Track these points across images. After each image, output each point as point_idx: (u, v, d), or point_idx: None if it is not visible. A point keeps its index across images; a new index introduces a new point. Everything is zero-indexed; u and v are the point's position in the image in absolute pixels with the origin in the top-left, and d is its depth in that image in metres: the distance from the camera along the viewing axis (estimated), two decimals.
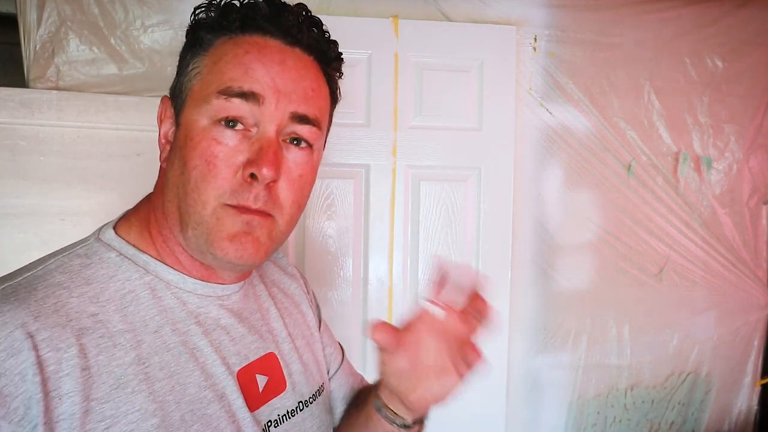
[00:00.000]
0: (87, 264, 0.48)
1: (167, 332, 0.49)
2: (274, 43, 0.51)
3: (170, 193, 0.51)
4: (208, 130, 0.49)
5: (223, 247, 0.48)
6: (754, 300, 1.56)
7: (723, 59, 1.48)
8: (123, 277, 0.49)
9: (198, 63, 0.52)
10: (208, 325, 0.53)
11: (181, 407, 0.47)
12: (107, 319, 0.46)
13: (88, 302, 0.46)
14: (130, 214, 0.55)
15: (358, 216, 1.34)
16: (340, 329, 1.35)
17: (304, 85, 0.52)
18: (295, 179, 0.51)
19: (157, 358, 0.47)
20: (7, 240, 1.18)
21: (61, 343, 0.42)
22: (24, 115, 1.17)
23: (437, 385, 0.56)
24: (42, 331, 0.41)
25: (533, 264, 1.45)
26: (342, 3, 1.32)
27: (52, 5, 1.21)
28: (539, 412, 1.50)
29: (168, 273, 0.52)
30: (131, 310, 0.48)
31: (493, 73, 1.35)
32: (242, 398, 0.53)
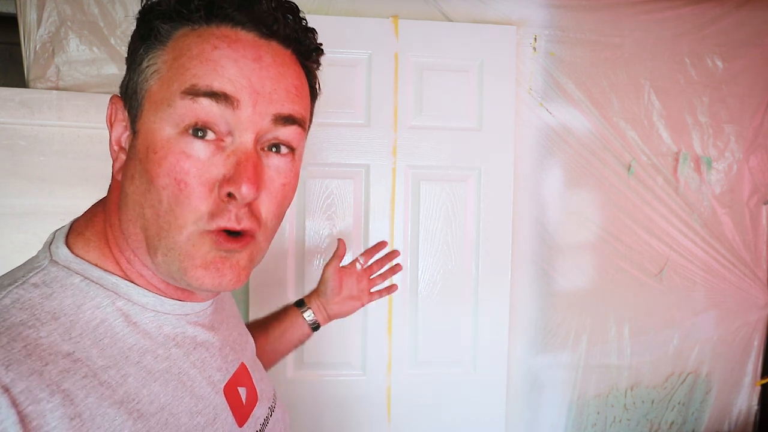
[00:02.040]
0: (48, 294, 0.41)
1: (150, 361, 0.44)
2: (246, 36, 0.44)
3: (131, 212, 0.44)
4: (174, 141, 0.41)
5: (198, 276, 0.43)
6: (754, 300, 1.56)
7: (723, 59, 1.48)
8: (92, 305, 0.42)
9: (155, 59, 0.44)
10: (187, 345, 0.48)
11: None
12: (86, 357, 0.40)
13: (60, 340, 0.39)
14: (82, 227, 0.47)
15: (358, 216, 1.34)
16: (340, 329, 1.35)
17: (285, 84, 0.45)
18: (277, 190, 0.46)
19: (146, 391, 0.42)
20: (7, 240, 1.18)
21: (41, 393, 0.35)
22: (24, 115, 1.17)
23: (348, 305, 0.91)
24: (18, 382, 0.34)
25: (533, 264, 1.45)
26: (342, 3, 1.32)
27: (52, 5, 1.21)
28: (539, 412, 1.50)
29: (143, 296, 0.45)
30: (107, 342, 0.42)
31: (493, 73, 1.35)
32: (232, 415, 0.51)
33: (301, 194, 1.32)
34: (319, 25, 1.45)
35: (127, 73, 0.46)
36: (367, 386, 1.35)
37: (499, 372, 1.39)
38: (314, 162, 1.31)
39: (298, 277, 1.33)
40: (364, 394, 1.35)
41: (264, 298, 1.31)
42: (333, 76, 1.30)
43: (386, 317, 1.35)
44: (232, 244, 0.43)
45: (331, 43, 1.29)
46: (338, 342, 1.35)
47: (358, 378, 1.35)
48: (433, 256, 1.36)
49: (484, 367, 1.38)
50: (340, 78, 1.30)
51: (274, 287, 1.31)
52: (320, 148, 1.31)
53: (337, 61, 1.30)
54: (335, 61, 1.29)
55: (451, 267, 1.37)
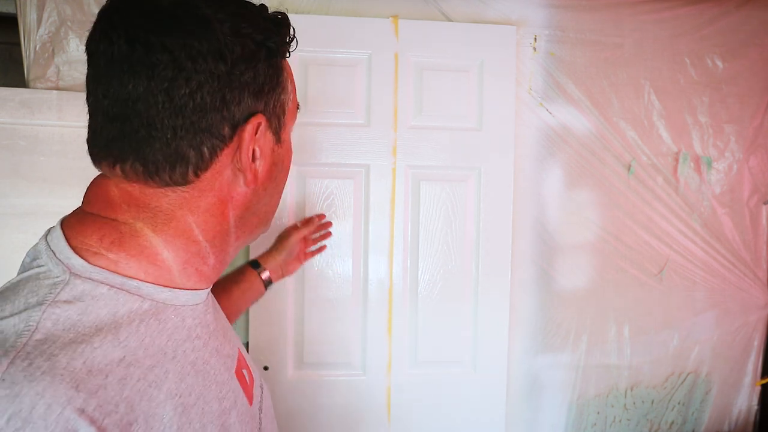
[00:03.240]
0: (83, 309, 0.41)
1: (181, 355, 0.47)
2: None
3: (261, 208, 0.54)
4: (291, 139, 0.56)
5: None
6: (754, 300, 1.56)
7: (723, 59, 1.48)
8: (125, 310, 0.44)
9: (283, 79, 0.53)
10: (204, 335, 0.52)
11: (215, 425, 0.47)
12: (135, 359, 0.42)
13: (111, 348, 0.40)
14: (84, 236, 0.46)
15: (358, 216, 1.34)
16: (340, 329, 1.35)
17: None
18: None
19: (184, 384, 0.45)
20: (7, 240, 1.18)
21: (110, 405, 0.37)
22: (24, 115, 1.17)
23: (295, 265, 1.12)
24: (90, 401, 0.36)
25: (533, 264, 1.45)
26: (342, 3, 1.32)
27: (52, 5, 1.21)
28: (539, 412, 1.50)
29: (160, 292, 0.47)
30: (147, 342, 0.44)
31: (493, 73, 1.35)
32: (244, 396, 0.56)
33: (301, 194, 1.32)
34: (319, 25, 1.46)
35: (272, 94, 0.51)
36: (367, 386, 1.35)
37: (499, 372, 1.39)
38: (314, 162, 1.31)
39: (298, 276, 1.33)
40: (364, 394, 1.35)
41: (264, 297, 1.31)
42: (333, 76, 1.30)
43: (386, 317, 1.35)
44: None
45: (331, 43, 1.29)
46: (338, 342, 1.35)
47: (358, 378, 1.35)
48: (433, 256, 1.36)
49: (484, 367, 1.38)
50: (340, 78, 1.30)
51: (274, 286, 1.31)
52: (320, 148, 1.31)
53: (337, 61, 1.30)
54: (335, 61, 1.29)
55: (451, 267, 1.37)
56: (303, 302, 1.33)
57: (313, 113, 1.30)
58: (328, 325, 1.34)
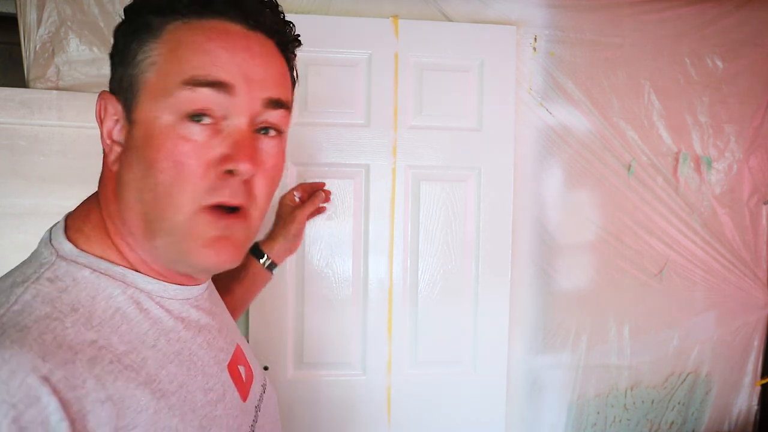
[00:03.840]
0: (63, 288, 0.43)
1: (163, 344, 0.47)
2: (235, 28, 0.47)
3: (130, 199, 0.46)
4: (172, 127, 0.44)
5: (201, 254, 0.46)
6: (754, 300, 1.56)
7: (723, 59, 1.48)
8: (105, 296, 0.45)
9: (149, 52, 0.46)
10: (192, 328, 0.52)
11: (197, 414, 0.47)
12: (108, 344, 0.42)
13: (84, 329, 0.41)
14: (79, 223, 0.49)
15: (358, 216, 1.34)
16: (340, 329, 1.35)
17: (272, 71, 0.49)
18: (269, 170, 0.49)
19: (164, 372, 0.45)
20: (7, 240, 1.18)
21: (76, 380, 0.38)
22: (24, 115, 1.17)
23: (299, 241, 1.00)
24: (56, 371, 0.37)
25: (533, 264, 1.45)
26: (342, 3, 1.32)
27: (52, 5, 1.21)
28: (539, 412, 1.50)
29: (147, 283, 0.48)
30: (125, 329, 0.44)
31: (493, 73, 1.35)
32: (237, 391, 0.55)
33: None
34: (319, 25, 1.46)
35: (118, 68, 0.48)
36: (367, 386, 1.35)
37: (499, 372, 1.39)
38: (314, 162, 1.31)
39: (298, 276, 1.33)
40: (364, 394, 1.35)
41: (263, 297, 1.31)
42: (333, 76, 1.30)
43: (386, 317, 1.35)
44: (230, 219, 0.47)
45: (331, 43, 1.29)
46: (338, 342, 1.35)
47: (358, 378, 1.35)
48: (433, 256, 1.36)
49: (484, 367, 1.38)
50: (340, 78, 1.30)
51: (275, 285, 1.31)
52: (320, 148, 1.31)
53: (337, 61, 1.30)
54: (335, 61, 1.29)
55: (451, 267, 1.37)
56: (303, 302, 1.33)
57: (313, 113, 1.30)
58: (328, 325, 1.34)
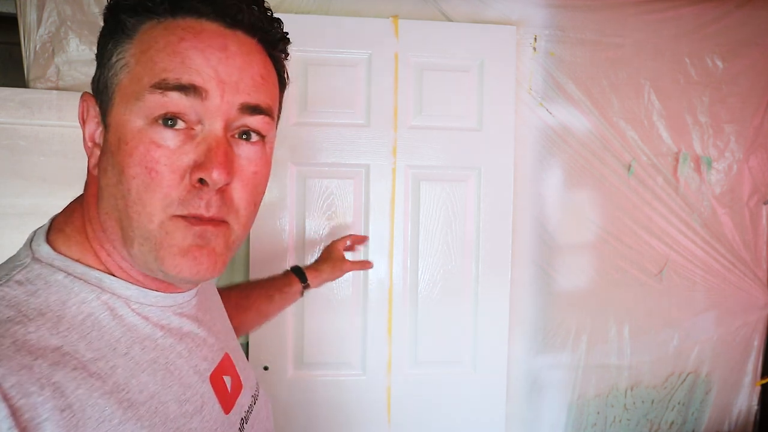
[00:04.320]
0: (32, 291, 0.41)
1: (137, 352, 0.45)
2: (211, 27, 0.44)
3: (107, 205, 0.44)
4: (144, 131, 0.42)
5: (176, 264, 0.43)
6: (754, 300, 1.56)
7: (723, 59, 1.48)
8: (77, 300, 0.43)
9: (123, 53, 0.44)
10: (172, 336, 0.50)
11: (168, 427, 0.45)
12: (74, 350, 0.40)
13: (48, 335, 0.39)
14: (62, 223, 0.48)
15: (358, 216, 1.34)
16: (340, 329, 1.35)
17: (251, 72, 0.46)
18: (249, 178, 0.46)
19: (135, 381, 0.43)
20: (7, 240, 1.18)
21: (32, 386, 0.36)
22: (24, 115, 1.17)
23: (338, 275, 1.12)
24: (8, 377, 0.35)
25: (533, 264, 1.45)
26: (342, 3, 1.32)
27: (52, 5, 1.21)
28: (539, 412, 1.50)
29: (126, 289, 0.46)
30: (95, 335, 0.42)
31: (493, 73, 1.35)
32: (218, 403, 0.53)
33: (302, 194, 1.32)
34: (319, 25, 1.46)
35: (97, 70, 0.47)
36: (367, 386, 1.35)
37: (499, 372, 1.39)
38: (314, 162, 1.31)
39: None
40: (364, 394, 1.35)
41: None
42: (333, 76, 1.30)
43: (386, 317, 1.35)
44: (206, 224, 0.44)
45: (331, 43, 1.29)
46: (338, 342, 1.35)
47: (358, 378, 1.35)
48: (433, 256, 1.36)
49: (484, 367, 1.38)
50: (340, 78, 1.30)
51: None
52: (320, 148, 1.31)
53: (337, 61, 1.30)
54: (335, 61, 1.29)
55: (451, 267, 1.37)
56: (303, 302, 1.33)
57: (313, 113, 1.30)
58: (328, 325, 1.34)
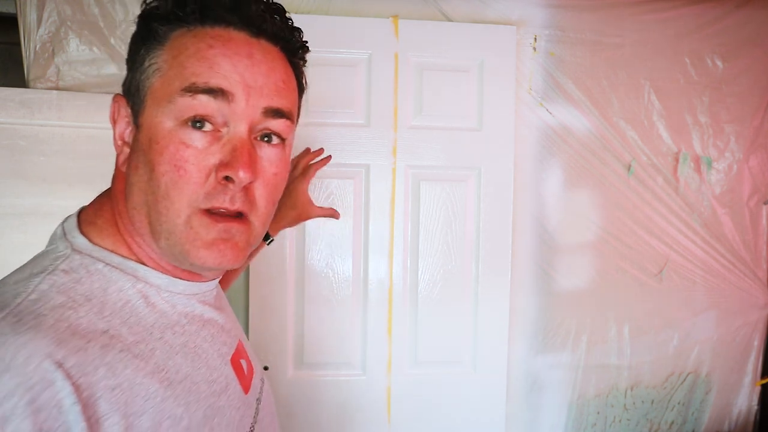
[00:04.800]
0: (77, 279, 0.45)
1: (170, 336, 0.49)
2: (238, 36, 0.48)
3: (136, 200, 0.48)
4: (174, 132, 0.45)
5: (201, 256, 0.47)
6: (754, 300, 1.56)
7: (723, 59, 1.48)
8: (116, 288, 0.47)
9: (155, 58, 0.47)
10: (197, 322, 0.53)
11: (201, 405, 0.48)
12: (118, 333, 0.44)
13: (96, 319, 0.43)
14: (92, 216, 0.51)
15: (358, 216, 1.34)
16: (340, 329, 1.35)
17: (274, 78, 0.49)
18: (270, 178, 0.50)
19: (171, 362, 0.47)
20: (7, 240, 1.18)
21: (88, 366, 0.40)
22: (24, 115, 1.17)
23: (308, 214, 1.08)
24: (69, 358, 0.39)
25: (533, 264, 1.45)
26: (342, 3, 1.32)
27: (52, 5, 1.21)
28: (539, 412, 1.50)
29: (157, 278, 0.50)
30: (133, 320, 0.46)
31: (493, 73, 1.35)
32: (239, 384, 0.57)
33: None
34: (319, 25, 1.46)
35: (129, 73, 0.50)
36: (367, 386, 1.35)
37: (499, 372, 1.39)
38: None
39: (298, 276, 1.33)
40: (364, 394, 1.35)
41: (264, 297, 1.31)
42: (333, 76, 1.30)
43: (386, 317, 1.35)
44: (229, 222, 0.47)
45: (331, 43, 1.29)
46: (338, 342, 1.35)
47: (358, 378, 1.35)
48: (433, 256, 1.36)
49: (484, 367, 1.38)
50: (340, 78, 1.30)
51: (275, 285, 1.31)
52: None
53: (337, 61, 1.30)
54: (335, 61, 1.29)
55: (451, 267, 1.37)
56: (303, 302, 1.33)
57: (313, 113, 1.30)
58: (328, 325, 1.34)
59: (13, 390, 0.35)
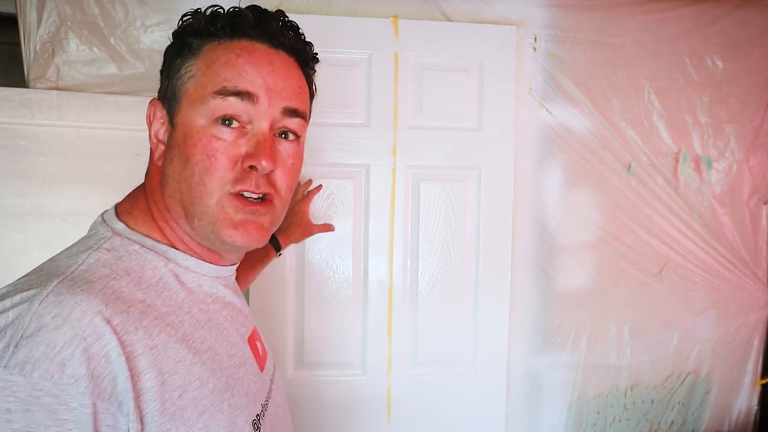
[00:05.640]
0: (118, 257, 0.52)
1: (196, 312, 0.55)
2: (261, 47, 0.56)
3: (171, 188, 0.55)
4: (206, 128, 0.53)
5: (230, 234, 0.54)
6: (754, 300, 1.56)
7: (723, 59, 1.48)
8: (151, 266, 0.53)
9: (191, 67, 0.55)
10: (220, 303, 0.60)
11: (224, 373, 0.55)
12: (153, 304, 0.50)
13: (135, 290, 0.50)
14: (128, 207, 0.58)
15: (358, 216, 1.34)
16: (340, 329, 1.35)
17: (291, 83, 0.57)
18: (288, 167, 0.58)
19: (197, 334, 0.53)
20: (7, 240, 1.18)
21: (130, 326, 0.46)
22: (24, 115, 1.17)
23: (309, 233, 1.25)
24: (115, 317, 0.45)
25: (533, 264, 1.45)
26: (342, 3, 1.32)
27: (52, 5, 1.21)
28: (539, 412, 1.50)
29: (186, 260, 0.57)
30: (166, 295, 0.53)
31: (493, 73, 1.35)
32: (255, 362, 0.63)
33: None
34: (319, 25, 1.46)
35: (165, 81, 0.58)
36: (367, 386, 1.35)
37: (499, 372, 1.39)
38: (314, 162, 1.31)
39: (298, 276, 1.33)
40: (364, 394, 1.35)
41: (264, 297, 1.31)
42: (333, 76, 1.30)
43: (386, 317, 1.35)
44: (256, 205, 0.55)
45: (331, 43, 1.29)
46: (338, 342, 1.35)
47: (358, 378, 1.35)
48: (433, 256, 1.36)
49: (484, 367, 1.38)
50: (340, 78, 1.30)
51: (275, 285, 1.31)
52: (320, 148, 1.31)
53: (337, 61, 1.30)
54: (335, 61, 1.29)
55: (451, 267, 1.37)
56: (303, 302, 1.33)
57: (313, 113, 1.29)
58: (328, 325, 1.34)
59: (71, 339, 0.42)
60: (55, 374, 0.40)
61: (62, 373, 0.40)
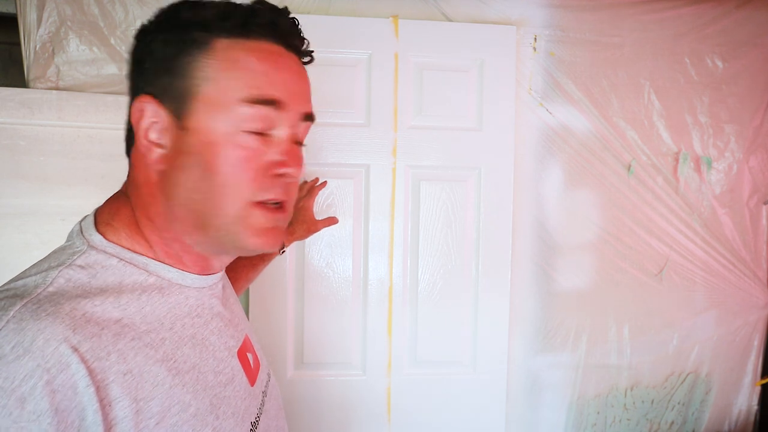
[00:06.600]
0: (93, 274, 0.48)
1: (179, 327, 0.52)
2: (278, 50, 0.54)
3: (182, 197, 0.51)
4: (231, 136, 0.50)
5: (254, 242, 0.52)
6: (754, 300, 1.56)
7: (723, 59, 1.48)
8: (131, 281, 0.50)
9: (205, 67, 0.50)
10: (206, 315, 0.57)
11: (208, 393, 0.52)
12: (131, 322, 0.47)
13: (111, 308, 0.47)
14: (108, 217, 0.54)
15: (358, 216, 1.34)
16: (340, 329, 1.35)
17: (306, 87, 0.57)
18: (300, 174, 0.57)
19: (180, 352, 0.50)
20: (7, 240, 1.18)
21: (101, 352, 0.43)
22: (24, 115, 1.17)
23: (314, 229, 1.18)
24: (84, 343, 0.42)
25: (533, 264, 1.45)
26: (342, 3, 1.32)
27: (52, 5, 1.21)
28: (539, 412, 1.50)
29: (168, 271, 0.53)
30: (148, 310, 0.50)
31: (493, 73, 1.35)
32: (245, 376, 0.60)
33: None
34: (319, 25, 1.46)
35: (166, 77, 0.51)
36: (367, 386, 1.35)
37: (499, 372, 1.39)
38: (314, 162, 1.31)
39: (297, 276, 1.33)
40: (364, 394, 1.35)
41: (264, 297, 1.31)
42: (333, 76, 1.30)
43: (386, 317, 1.35)
44: (278, 213, 0.54)
45: (331, 43, 1.29)
46: (338, 342, 1.35)
47: (358, 378, 1.35)
48: (433, 256, 1.36)
49: (484, 367, 1.38)
50: (340, 78, 1.30)
51: (275, 285, 1.31)
52: (320, 148, 1.31)
53: (337, 61, 1.30)
54: (335, 61, 1.29)
55: (451, 267, 1.37)
56: (303, 302, 1.33)
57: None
58: (328, 325, 1.34)
59: (32, 371, 0.38)
60: (14, 411, 0.37)
61: (22, 410, 0.37)
